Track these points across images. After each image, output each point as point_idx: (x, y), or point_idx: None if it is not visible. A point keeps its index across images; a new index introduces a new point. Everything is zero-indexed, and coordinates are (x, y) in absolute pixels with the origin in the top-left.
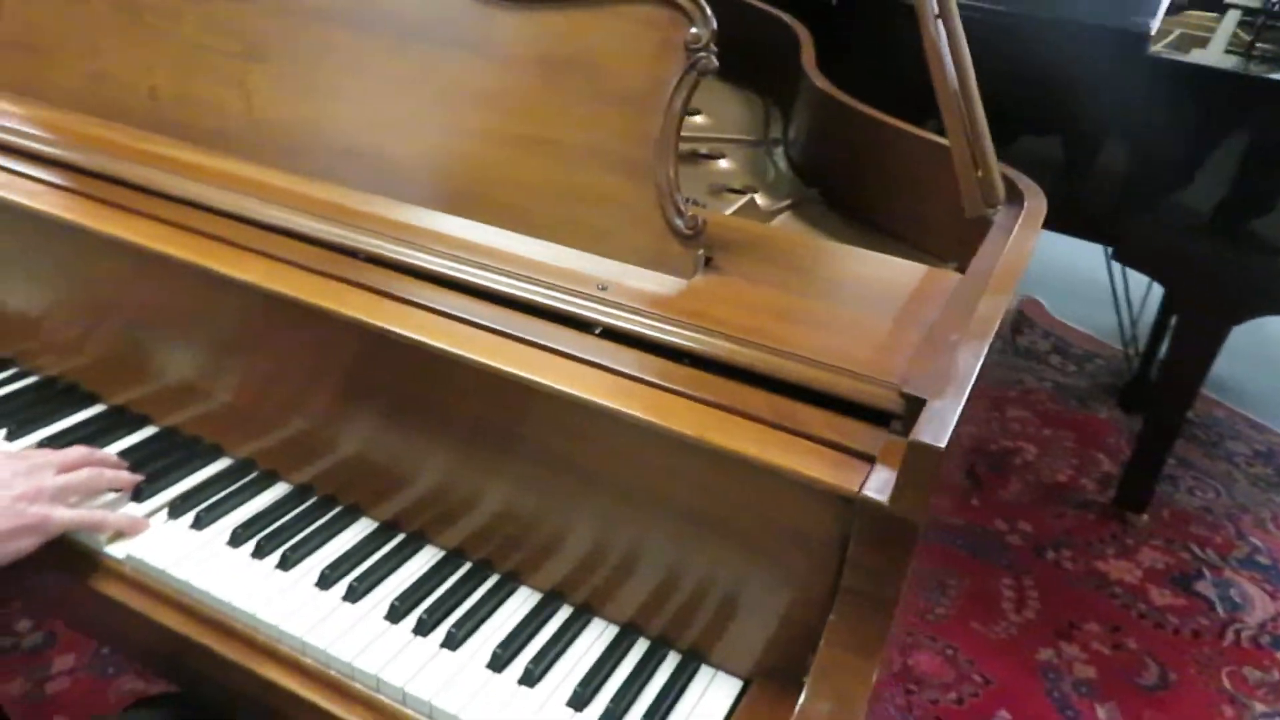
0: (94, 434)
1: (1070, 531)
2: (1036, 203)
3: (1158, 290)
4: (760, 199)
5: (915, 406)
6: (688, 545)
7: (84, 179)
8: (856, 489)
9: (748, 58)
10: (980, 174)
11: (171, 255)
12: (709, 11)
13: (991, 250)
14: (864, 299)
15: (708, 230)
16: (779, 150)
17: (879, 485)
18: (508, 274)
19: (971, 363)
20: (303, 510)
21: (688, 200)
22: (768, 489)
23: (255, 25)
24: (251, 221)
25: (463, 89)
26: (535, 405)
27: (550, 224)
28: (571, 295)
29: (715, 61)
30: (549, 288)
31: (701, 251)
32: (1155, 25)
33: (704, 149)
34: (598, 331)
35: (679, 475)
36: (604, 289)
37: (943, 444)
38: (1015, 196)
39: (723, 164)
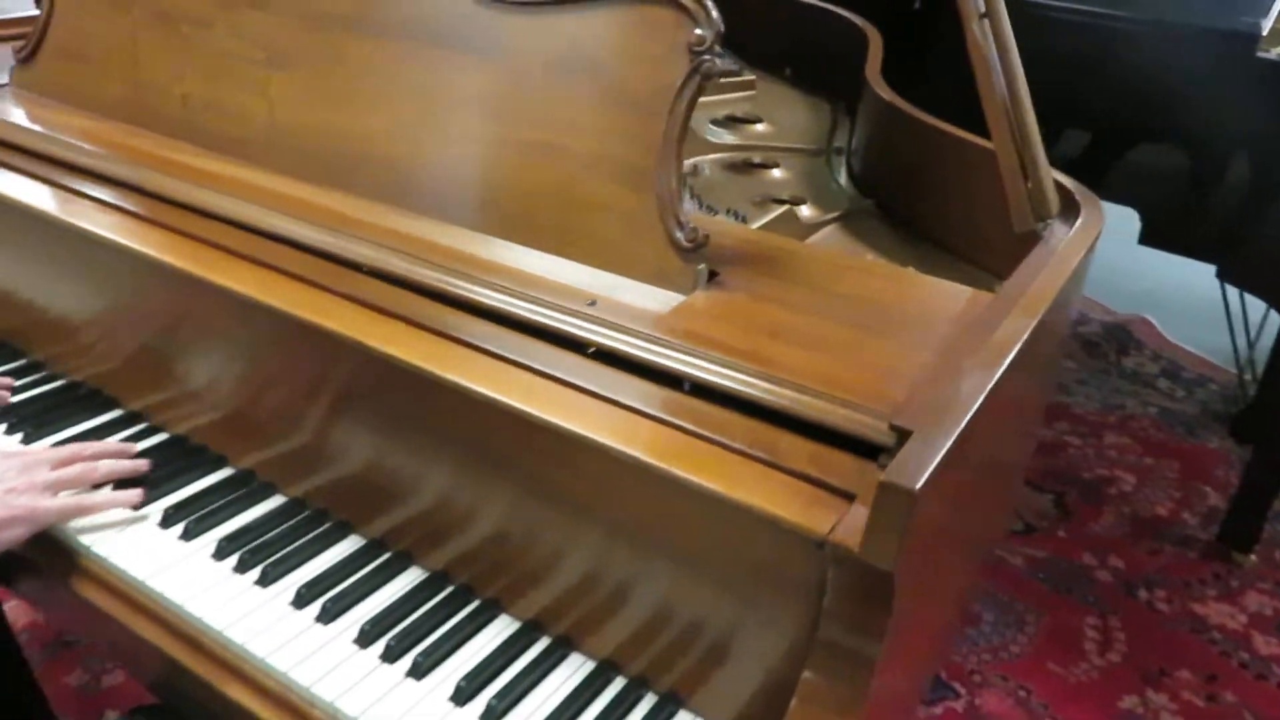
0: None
1: (1166, 569)
2: (1093, 216)
3: None
4: (807, 210)
5: (905, 440)
6: (666, 579)
7: (112, 189)
8: (826, 531)
9: (818, 63)
10: (1029, 185)
11: (174, 266)
12: (714, 12)
13: (1030, 268)
14: (877, 319)
15: (722, 243)
16: (841, 160)
17: (852, 527)
18: (497, 287)
19: (974, 393)
20: (293, 525)
21: (728, 211)
22: (746, 525)
23: (277, 32)
24: (246, 228)
25: (470, 95)
26: (501, 422)
27: (553, 234)
28: (556, 310)
29: (719, 64)
30: (534, 302)
31: (703, 266)
32: (1268, 25)
33: (757, 158)
34: (590, 351)
35: (656, 505)
36: (593, 304)
37: (915, 486)
38: (1072, 209)
39: (776, 173)
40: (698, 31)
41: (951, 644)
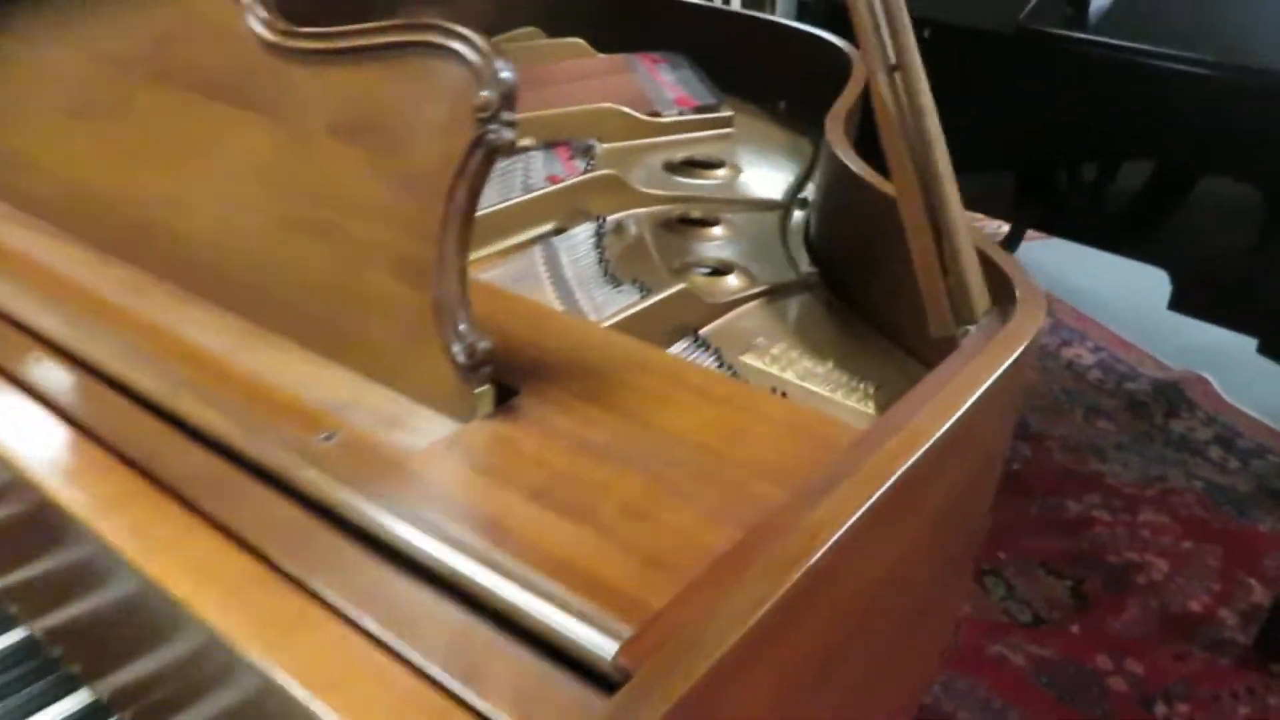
0: None
1: (1194, 679)
2: (1027, 318)
3: None
4: (734, 279)
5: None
6: None
7: None
8: None
9: (810, 96)
10: (949, 280)
11: None
12: (504, 70)
13: (919, 396)
14: (693, 471)
15: (546, 346)
16: (803, 215)
17: None
18: (223, 407)
19: (741, 615)
20: (18, 674)
21: (633, 282)
22: None
23: (80, 76)
24: None
25: (251, 160)
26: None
27: (326, 334)
28: (273, 444)
29: (509, 134)
30: (258, 431)
31: (486, 389)
32: None
33: (696, 212)
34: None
35: None
36: (329, 437)
37: None
38: (1009, 301)
39: (716, 231)
40: (483, 94)
41: None
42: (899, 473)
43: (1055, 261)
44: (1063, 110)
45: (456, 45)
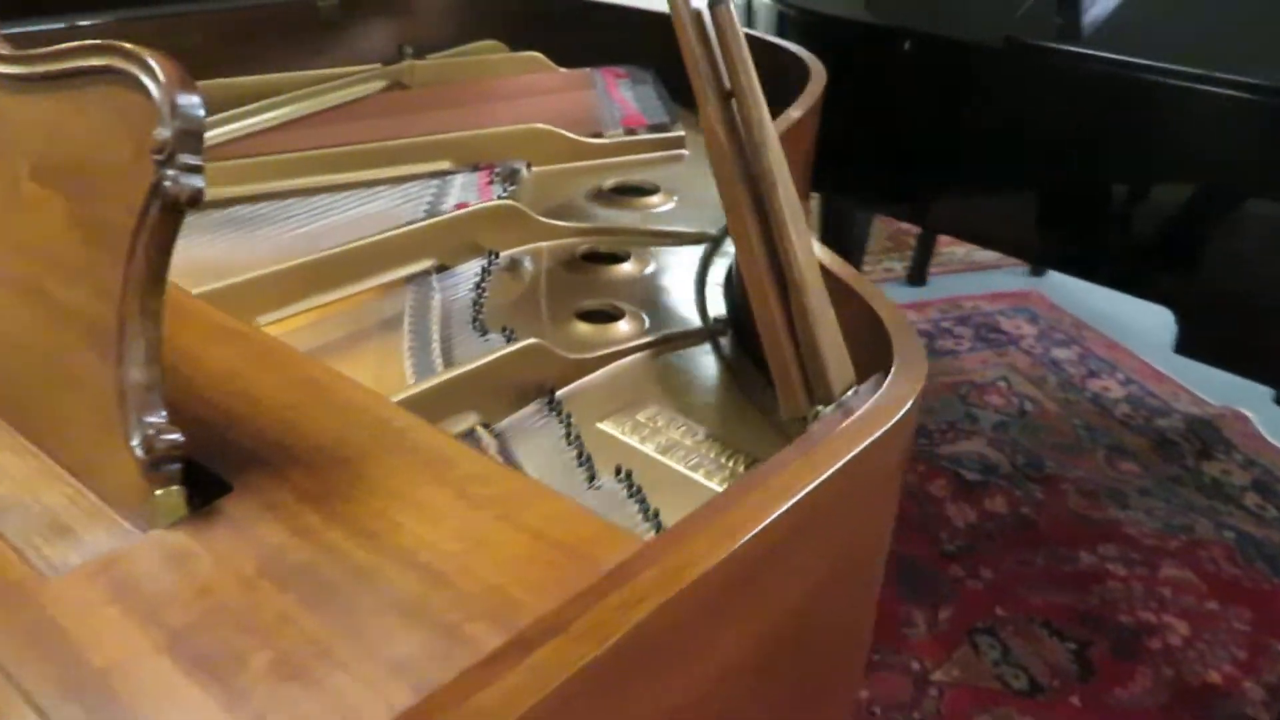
0: None
1: None
2: (889, 400)
3: None
4: (626, 325)
5: None
6: None
7: None
8: None
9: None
10: (800, 349)
11: None
12: (188, 105)
13: (719, 505)
14: (408, 607)
15: (302, 420)
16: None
17: None
18: None
19: None
20: None
21: (503, 330)
22: None
23: None
24: None
25: None
26: None
27: (31, 413)
28: None
29: (193, 182)
30: None
31: (172, 490)
32: None
33: (604, 247)
34: None
35: None
36: None
37: None
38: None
39: (625, 268)
40: (158, 131)
41: None
42: (634, 622)
43: (1084, 284)
44: (1052, 131)
45: (136, 70)
